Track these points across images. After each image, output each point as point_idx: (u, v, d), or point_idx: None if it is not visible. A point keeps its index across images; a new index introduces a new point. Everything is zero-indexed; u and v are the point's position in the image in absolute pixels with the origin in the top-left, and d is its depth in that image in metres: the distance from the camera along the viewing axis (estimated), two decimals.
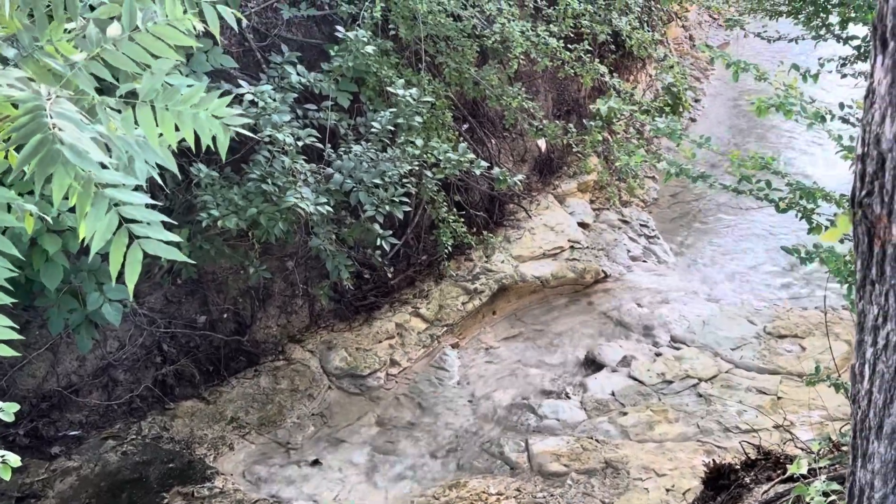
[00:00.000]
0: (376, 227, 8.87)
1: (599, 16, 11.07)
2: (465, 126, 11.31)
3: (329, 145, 9.02)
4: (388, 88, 9.09)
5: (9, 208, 2.81)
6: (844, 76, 6.67)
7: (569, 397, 9.94)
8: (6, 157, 2.81)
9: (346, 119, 9.47)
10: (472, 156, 9.09)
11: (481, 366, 10.54)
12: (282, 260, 10.14)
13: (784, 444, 8.39)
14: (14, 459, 4.10)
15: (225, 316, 9.94)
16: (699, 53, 16.61)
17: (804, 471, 4.57)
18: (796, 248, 4.62)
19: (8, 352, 2.87)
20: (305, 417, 9.72)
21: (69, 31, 2.98)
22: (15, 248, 2.72)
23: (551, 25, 10.42)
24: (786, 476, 7.52)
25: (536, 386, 10.20)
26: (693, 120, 15.03)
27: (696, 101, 13.46)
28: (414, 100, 8.85)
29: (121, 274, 2.73)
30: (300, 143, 8.49)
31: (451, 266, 10.84)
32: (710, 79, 17.68)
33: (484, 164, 9.14)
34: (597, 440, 9.17)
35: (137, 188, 2.80)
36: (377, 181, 8.57)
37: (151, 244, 2.67)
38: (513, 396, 10.04)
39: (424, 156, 9.19)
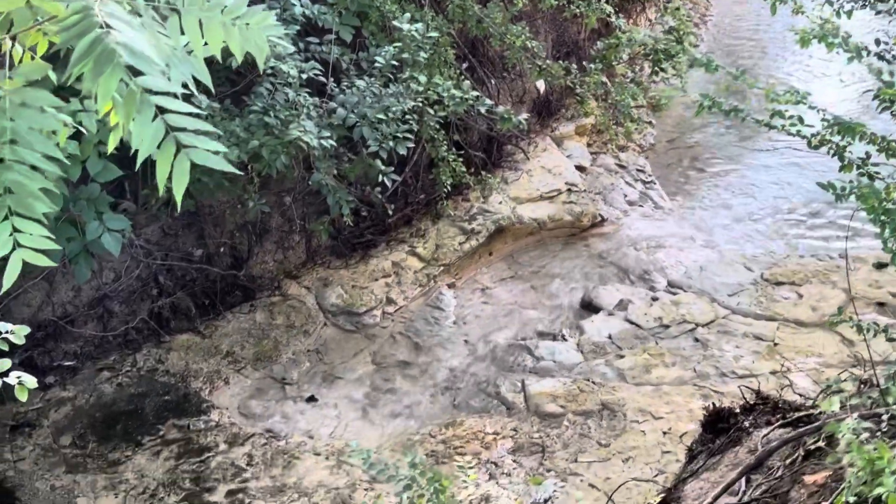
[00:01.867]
0: (378, 163, 8.77)
1: None
2: (465, 65, 11.18)
3: (332, 79, 8.90)
4: (394, 23, 8.96)
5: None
6: (878, 13, 6.56)
7: (565, 339, 9.93)
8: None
9: (348, 54, 9.35)
10: (476, 93, 9.00)
11: (478, 306, 10.50)
12: (279, 195, 10.05)
13: (782, 389, 8.40)
14: (31, 381, 4.05)
15: (222, 250, 9.87)
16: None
17: (836, 408, 4.53)
18: (832, 183, 4.55)
19: (46, 262, 2.79)
20: (301, 353, 9.69)
21: None
22: (60, 153, 2.63)
23: None
24: (786, 420, 7.56)
25: (533, 327, 10.18)
26: (691, 66, 14.88)
27: (695, 46, 13.31)
28: (419, 35, 8.73)
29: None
30: (303, 77, 8.36)
31: (448, 206, 10.75)
32: (709, 24, 17.59)
33: (488, 101, 9.05)
34: (593, 382, 9.17)
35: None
36: (381, 116, 8.46)
37: (199, 153, 2.58)
38: (509, 337, 10.02)
39: (427, 93, 9.09)
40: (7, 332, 4.24)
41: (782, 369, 9.05)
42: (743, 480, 7.12)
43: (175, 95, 2.67)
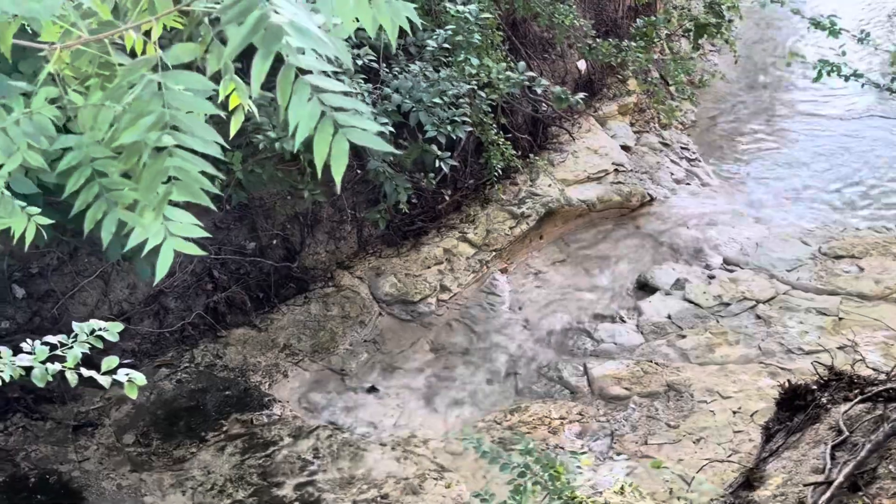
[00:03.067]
0: (434, 148, 8.65)
1: None
2: (507, 47, 11.05)
3: (384, 65, 8.78)
4: (447, 4, 8.81)
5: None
6: None
7: (624, 321, 9.82)
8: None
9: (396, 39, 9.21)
10: (532, 73, 8.87)
11: (532, 290, 10.38)
12: (329, 185, 9.93)
13: (854, 364, 8.27)
14: (140, 378, 3.97)
15: (274, 242, 9.77)
16: None
17: None
18: None
19: (195, 250, 2.72)
20: (358, 344, 9.59)
21: None
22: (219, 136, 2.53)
23: None
24: (865, 395, 7.43)
25: (589, 310, 10.06)
26: (726, 42, 14.71)
27: (741, 17, 13.16)
28: (472, 16, 8.60)
29: None
30: (358, 63, 8.24)
31: (497, 190, 10.64)
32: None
33: (544, 81, 8.92)
34: (657, 363, 9.05)
35: None
36: (437, 100, 8.34)
37: (356, 133, 2.48)
38: (566, 321, 9.91)
39: (479, 76, 8.96)
40: (101, 329, 4.17)
41: (851, 344, 8.92)
42: (828, 457, 7.02)
43: (328, 74, 2.57)
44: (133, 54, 2.73)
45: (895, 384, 7.45)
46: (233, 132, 2.83)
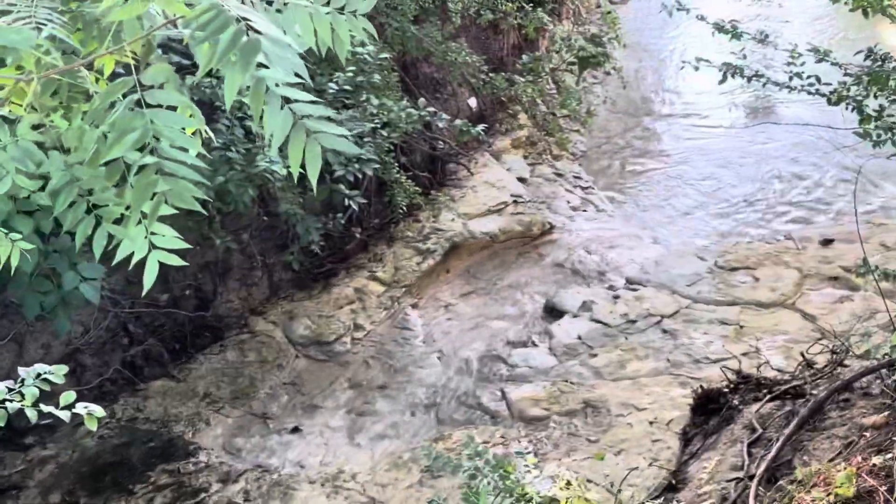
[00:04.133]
0: (342, 187, 8.83)
1: None
2: (401, 87, 11.31)
3: None
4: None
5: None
6: None
7: (536, 345, 10.06)
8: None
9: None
10: (432, 109, 9.12)
11: (444, 323, 10.58)
12: (237, 233, 10.02)
13: (760, 367, 8.64)
14: (99, 411, 4.06)
15: (187, 292, 9.81)
16: (602, 10, 16.73)
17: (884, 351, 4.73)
18: (868, 130, 4.75)
19: (178, 261, 2.88)
20: (278, 387, 9.66)
21: None
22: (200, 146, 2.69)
23: None
24: (773, 394, 7.78)
25: (502, 337, 10.29)
26: (608, 73, 15.16)
27: (625, 46, 13.65)
28: (371, 58, 8.83)
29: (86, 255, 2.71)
30: None
31: (402, 228, 10.85)
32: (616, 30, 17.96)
33: (445, 116, 9.18)
34: (572, 382, 9.31)
35: None
36: None
37: (327, 138, 2.67)
38: (480, 349, 10.12)
39: (379, 115, 9.18)
40: (46, 373, 4.26)
41: (754, 349, 9.30)
42: (745, 454, 7.33)
43: (298, 86, 2.76)
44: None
45: (800, 382, 7.83)
46: (193, 154, 2.98)
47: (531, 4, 10.86)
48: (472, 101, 12.69)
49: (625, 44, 13.15)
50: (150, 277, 2.85)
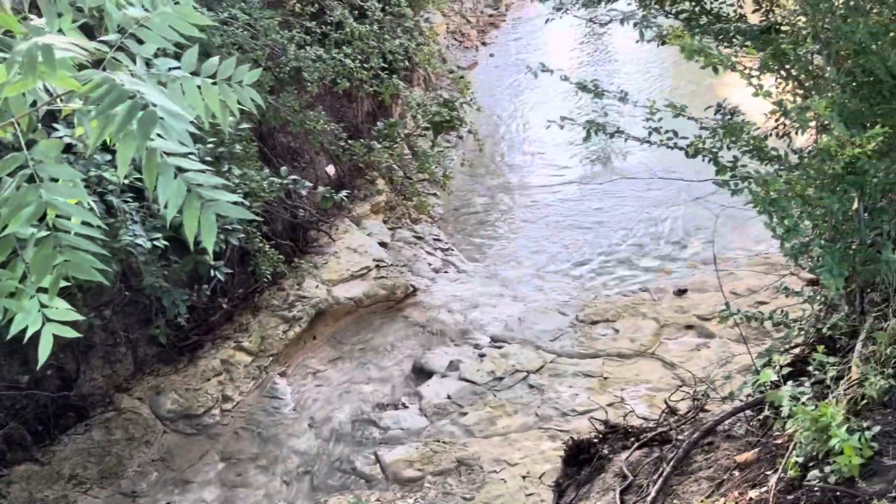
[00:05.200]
0: (207, 258, 8.81)
1: (383, 37, 11.38)
2: (259, 156, 11.36)
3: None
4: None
5: None
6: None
7: (406, 407, 10.14)
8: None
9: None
10: (295, 177, 9.20)
11: (313, 390, 10.58)
12: (98, 309, 9.86)
13: (626, 416, 8.88)
14: None
15: (48, 373, 9.58)
16: (454, 75, 17.11)
17: (775, 377, 4.95)
18: (726, 180, 4.99)
19: (72, 333, 2.90)
20: (147, 465, 9.49)
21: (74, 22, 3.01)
22: (98, 220, 2.73)
23: (344, 47, 10.64)
24: (641, 442, 8.01)
25: (372, 401, 10.33)
26: (460, 138, 15.46)
27: (479, 110, 13.98)
28: (232, 128, 8.87)
29: None
30: (125, 182, 8.35)
31: (267, 296, 10.85)
32: (466, 96, 18.35)
33: (308, 183, 9.26)
34: (444, 442, 9.40)
35: None
36: None
37: (221, 206, 2.75)
38: (351, 414, 10.14)
39: (242, 185, 9.21)
40: None
41: (619, 399, 9.56)
42: (618, 501, 7.51)
43: (190, 156, 2.83)
44: None
45: (665, 429, 8.08)
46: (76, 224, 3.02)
47: (386, 72, 11.07)
48: (331, 169, 12.80)
49: (478, 107, 13.47)
50: (44, 351, 2.87)
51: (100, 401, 9.93)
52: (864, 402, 4.56)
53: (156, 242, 8.17)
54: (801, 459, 4.22)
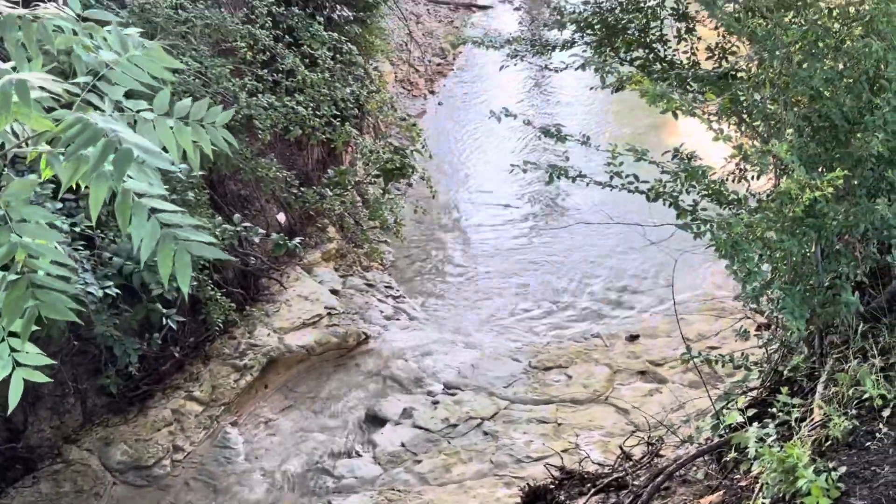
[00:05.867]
0: (159, 306, 8.72)
1: (334, 85, 11.40)
2: (210, 204, 11.30)
3: (98, 231, 8.81)
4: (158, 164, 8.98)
5: None
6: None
7: (360, 455, 10.06)
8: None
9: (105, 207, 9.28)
10: (247, 224, 9.15)
11: (265, 439, 10.46)
12: None
13: (581, 462, 8.88)
14: None
15: None
16: (406, 123, 17.14)
17: (740, 419, 4.96)
18: (689, 224, 5.04)
19: (43, 378, 2.85)
20: None
21: (44, 67, 2.98)
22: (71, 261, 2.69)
23: (295, 95, 10.65)
24: (598, 488, 8.00)
25: (324, 450, 10.24)
26: (409, 185, 15.45)
27: (431, 157, 14.03)
28: (185, 175, 8.81)
29: None
30: (76, 230, 8.26)
31: (217, 345, 10.75)
32: (416, 144, 18.41)
33: (261, 231, 9.21)
34: (399, 490, 9.34)
35: None
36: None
37: (195, 246, 2.73)
38: (304, 463, 10.04)
39: None
40: None
41: (573, 445, 9.55)
42: None
43: (162, 196, 2.81)
44: None
45: (621, 474, 8.09)
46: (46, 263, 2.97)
47: (338, 119, 11.08)
48: (281, 216, 12.76)
49: (430, 154, 13.52)
50: (15, 396, 2.82)
51: (48, 452, 9.74)
52: (829, 442, 4.60)
53: (108, 290, 8.07)
54: (767, 501, 4.24)
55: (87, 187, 2.72)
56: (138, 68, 2.84)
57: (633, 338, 11.44)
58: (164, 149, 2.93)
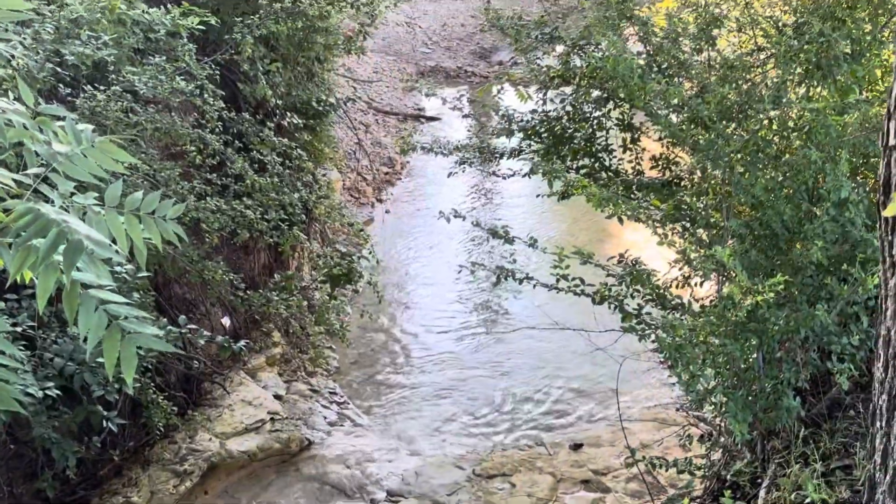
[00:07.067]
0: (100, 408, 8.60)
1: (283, 190, 11.47)
2: (155, 306, 11.23)
3: (40, 331, 8.72)
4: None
5: None
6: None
7: None
8: None
9: (48, 308, 9.21)
10: (193, 326, 9.10)
11: None
12: None
13: None
14: None
15: None
16: (347, 229, 17.23)
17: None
18: (633, 326, 5.09)
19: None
20: None
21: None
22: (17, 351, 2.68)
23: (244, 199, 10.69)
24: None
25: None
26: (356, 292, 15.48)
27: (380, 262, 14.13)
28: (130, 277, 8.78)
29: None
30: (17, 330, 8.17)
31: (157, 450, 10.59)
32: (362, 250, 18.49)
33: (207, 333, 9.16)
34: None
35: None
36: (101, 360, 8.35)
37: (142, 338, 2.73)
38: None
39: None
40: None
41: None
42: None
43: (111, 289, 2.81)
44: None
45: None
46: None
47: (286, 223, 11.13)
48: (226, 320, 12.70)
49: (378, 259, 13.58)
50: None
51: None
52: None
53: (48, 392, 7.96)
54: None
55: (33, 279, 2.72)
56: (91, 161, 2.86)
57: (576, 446, 11.44)
58: (114, 241, 2.94)
